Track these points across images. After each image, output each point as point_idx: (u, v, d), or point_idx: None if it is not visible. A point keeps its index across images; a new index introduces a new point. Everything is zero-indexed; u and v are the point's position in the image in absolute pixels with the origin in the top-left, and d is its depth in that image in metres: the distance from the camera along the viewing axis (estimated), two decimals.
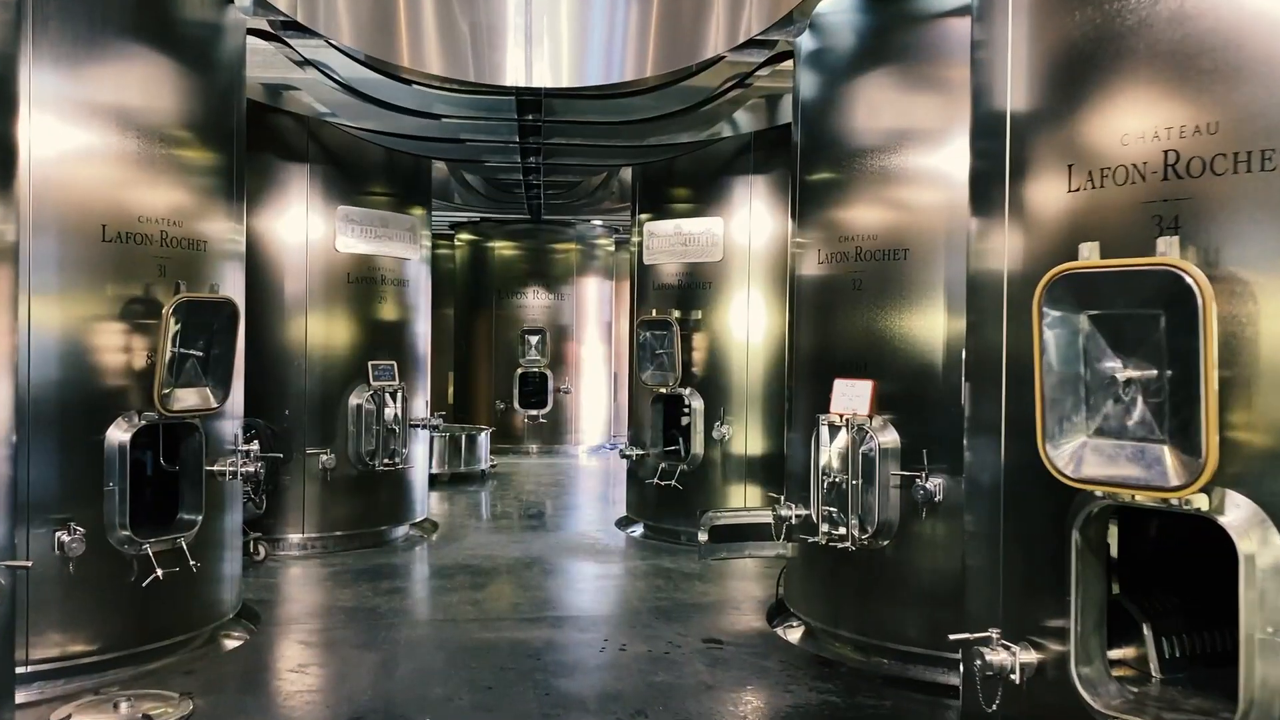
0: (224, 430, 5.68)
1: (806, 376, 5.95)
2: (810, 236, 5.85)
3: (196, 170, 5.46)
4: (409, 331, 8.73)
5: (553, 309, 15.47)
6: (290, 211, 7.99)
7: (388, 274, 8.46)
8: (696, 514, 8.51)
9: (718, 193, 8.45)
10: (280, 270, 7.97)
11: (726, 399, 8.37)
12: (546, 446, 15.35)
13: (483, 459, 12.36)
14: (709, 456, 8.41)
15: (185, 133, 5.37)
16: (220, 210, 5.64)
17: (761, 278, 8.32)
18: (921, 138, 5.26)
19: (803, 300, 5.98)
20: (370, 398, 8.21)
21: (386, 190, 8.52)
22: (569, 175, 9.39)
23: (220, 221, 5.63)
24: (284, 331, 7.97)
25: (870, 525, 5.27)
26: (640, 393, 8.98)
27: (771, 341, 8.31)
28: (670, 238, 8.62)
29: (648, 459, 8.79)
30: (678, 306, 8.54)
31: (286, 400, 7.96)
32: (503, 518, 9.96)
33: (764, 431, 8.32)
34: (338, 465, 8.07)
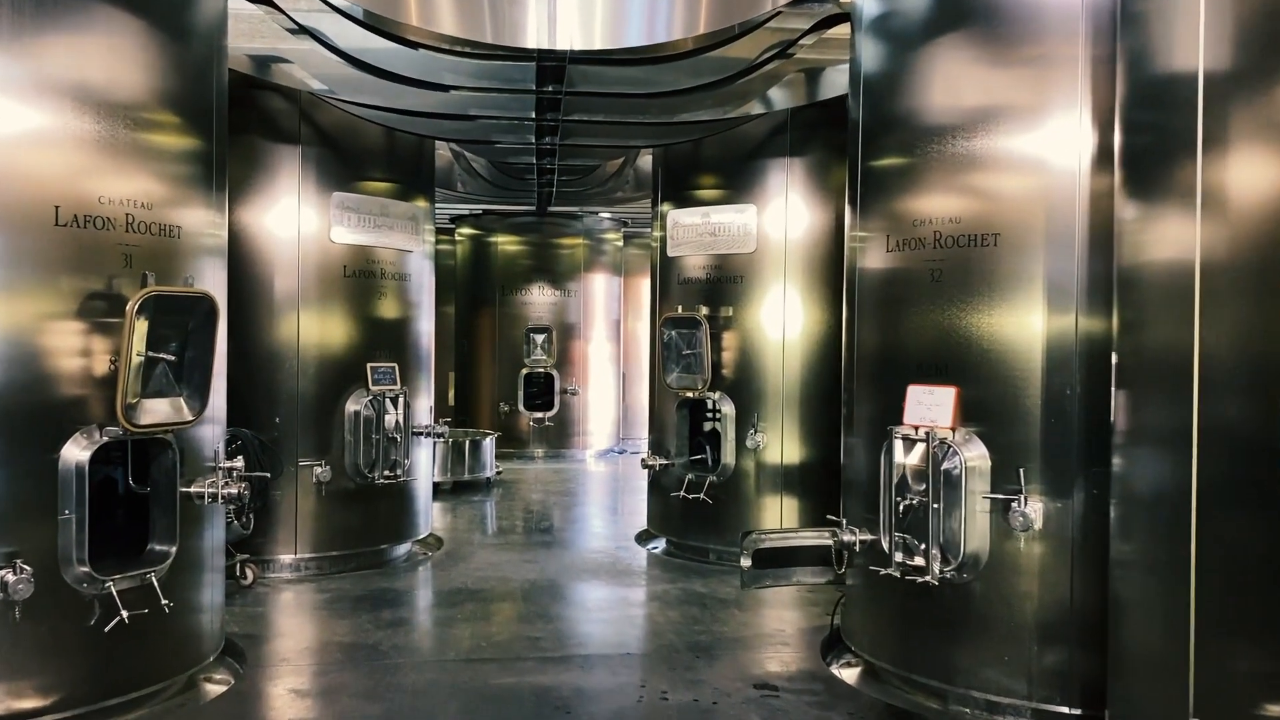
0: (203, 444, 4.93)
1: (870, 381, 5.22)
2: (875, 224, 5.12)
3: (168, 154, 4.70)
4: (411, 330, 7.98)
5: (559, 306, 14.74)
6: (280, 199, 7.24)
7: (388, 268, 7.70)
8: (729, 531, 7.83)
9: (750, 177, 7.70)
10: (269, 263, 7.22)
11: (760, 404, 7.63)
12: (553, 451, 14.63)
13: (488, 466, 11.61)
14: (741, 467, 7.68)
15: (154, 112, 4.60)
16: (197, 198, 4.89)
17: (799, 270, 7.58)
18: (1012, 116, 4.51)
19: (865, 295, 5.24)
20: (369, 404, 7.46)
21: (386, 176, 7.76)
22: (586, 158, 8.63)
23: (197, 210, 4.88)
24: (274, 331, 7.22)
25: (954, 555, 4.54)
26: (663, 396, 8.24)
27: (810, 341, 7.57)
28: (697, 227, 7.87)
29: (672, 469, 8.05)
30: (705, 303, 7.80)
31: (277, 407, 7.21)
32: (511, 531, 9.21)
33: (802, 439, 7.58)
34: (333, 478, 7.32)
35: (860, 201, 5.27)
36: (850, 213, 5.47)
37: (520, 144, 7.66)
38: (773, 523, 7.61)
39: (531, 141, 7.49)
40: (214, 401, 4.94)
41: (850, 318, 5.43)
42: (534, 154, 8.00)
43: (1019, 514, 4.35)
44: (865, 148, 5.26)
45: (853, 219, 5.42)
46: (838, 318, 7.53)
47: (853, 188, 5.40)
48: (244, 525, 6.56)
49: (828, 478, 7.56)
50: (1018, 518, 4.35)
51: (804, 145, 7.59)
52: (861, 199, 5.26)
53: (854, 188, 5.37)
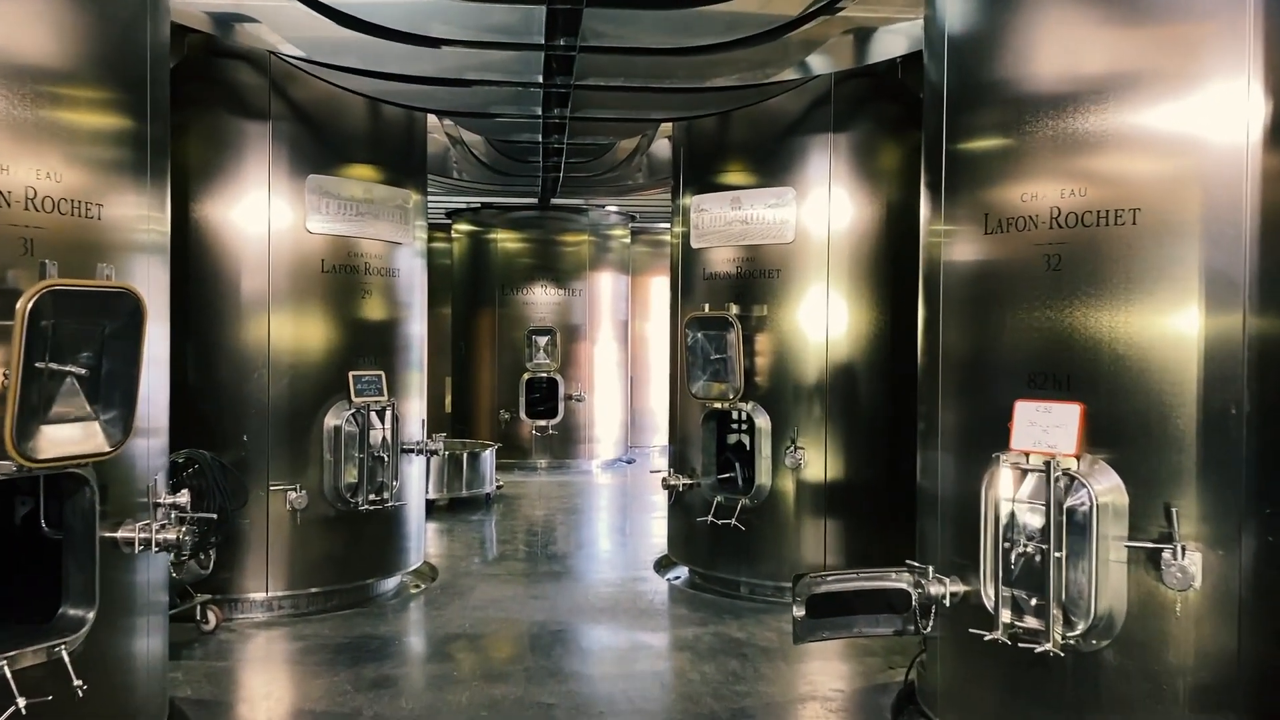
0: (136, 475, 3.96)
1: (958, 394, 4.26)
2: (964, 211, 4.17)
3: (84, 136, 3.74)
4: (400, 334, 7.01)
5: (563, 307, 13.77)
6: (247, 183, 6.26)
7: (373, 262, 6.73)
8: (763, 561, 6.87)
9: (787, 157, 6.73)
10: (235, 257, 6.25)
11: (799, 416, 6.66)
12: (557, 461, 13.66)
13: (487, 481, 10.64)
14: (777, 488, 6.71)
15: (60, 85, 3.64)
16: (126, 186, 3.94)
17: (845, 262, 6.61)
18: (1154, 83, 3.56)
19: (952, 291, 4.28)
20: (352, 418, 6.49)
21: (371, 158, 6.79)
22: (599, 136, 7.64)
23: (126, 199, 3.93)
24: (240, 336, 6.25)
25: (1080, 617, 3.58)
26: (687, 407, 7.28)
27: (858, 343, 6.60)
28: (726, 214, 6.91)
29: (698, 489, 7.08)
30: (735, 300, 6.82)
31: (244, 423, 6.24)
32: (514, 557, 8.24)
33: (848, 456, 6.62)
34: (311, 504, 6.35)
35: (944, 186, 4.31)
36: (928, 199, 4.52)
37: (525, 116, 6.69)
38: (814, 552, 6.65)
39: (538, 113, 6.51)
40: (151, 419, 4.00)
41: (930, 318, 4.47)
42: (540, 129, 7.02)
43: (1174, 568, 3.38)
44: (952, 122, 4.29)
45: (932, 206, 4.46)
46: (891, 317, 6.62)
47: (932, 170, 4.44)
48: (202, 564, 5.60)
49: (878, 500, 6.62)
50: (1173, 573, 3.38)
51: (849, 120, 6.63)
52: (947, 183, 4.30)
53: (934, 170, 4.41)
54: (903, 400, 6.62)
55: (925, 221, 4.57)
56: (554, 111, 6.41)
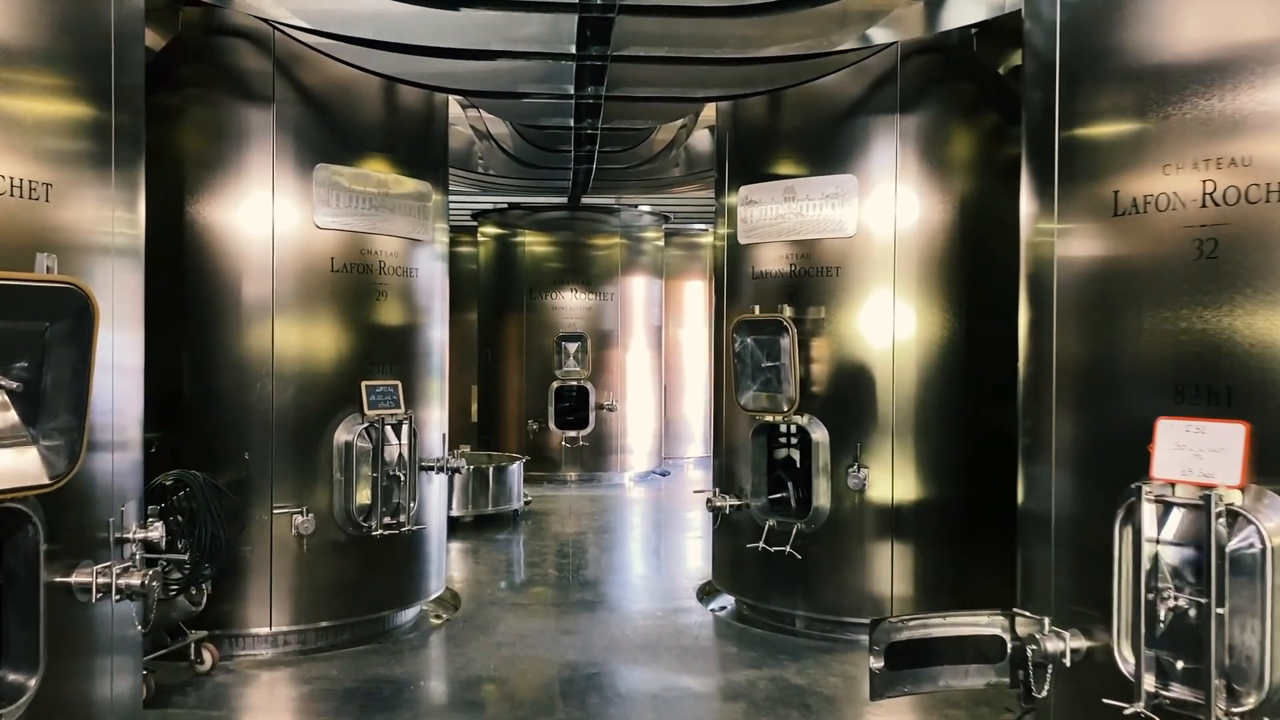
0: (95, 506, 3.34)
1: (1074, 406, 3.57)
2: (1083, 203, 3.48)
3: (26, 125, 3.13)
4: (419, 340, 6.38)
5: (593, 312, 13.14)
6: (248, 174, 5.66)
7: (388, 261, 6.11)
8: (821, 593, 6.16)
9: (848, 141, 6.04)
10: (234, 256, 5.64)
11: (862, 430, 5.96)
12: (588, 474, 13.02)
13: (514, 497, 9.99)
14: (838, 511, 6.00)
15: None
16: (83, 182, 3.33)
17: (914, 258, 5.90)
18: None
19: (1068, 289, 3.59)
20: (364, 432, 5.87)
21: (386, 146, 6.17)
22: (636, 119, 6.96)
23: (85, 196, 3.32)
24: (241, 343, 5.64)
25: (1252, 688, 2.86)
26: (733, 420, 6.59)
27: (928, 349, 5.90)
28: (777, 207, 6.22)
29: (746, 511, 6.39)
30: (788, 302, 6.14)
31: (245, 438, 5.63)
32: (544, 582, 7.58)
33: (919, 475, 5.91)
34: (319, 528, 5.73)
35: (1058, 173, 3.62)
36: (1033, 189, 3.85)
37: (555, 96, 6.03)
38: (879, 582, 5.94)
39: (570, 92, 5.86)
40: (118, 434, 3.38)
41: (1037, 321, 3.78)
42: (572, 112, 6.36)
43: None
44: (1068, 98, 3.59)
45: (1038, 197, 3.79)
46: (965, 320, 5.88)
47: (1038, 155, 3.77)
48: (193, 600, 4.98)
49: (952, 523, 5.91)
50: None
51: (917, 100, 5.92)
52: (1061, 170, 3.61)
53: (1041, 155, 3.74)
54: (980, 413, 5.94)
55: (1029, 215, 3.90)
56: (587, 90, 5.75)
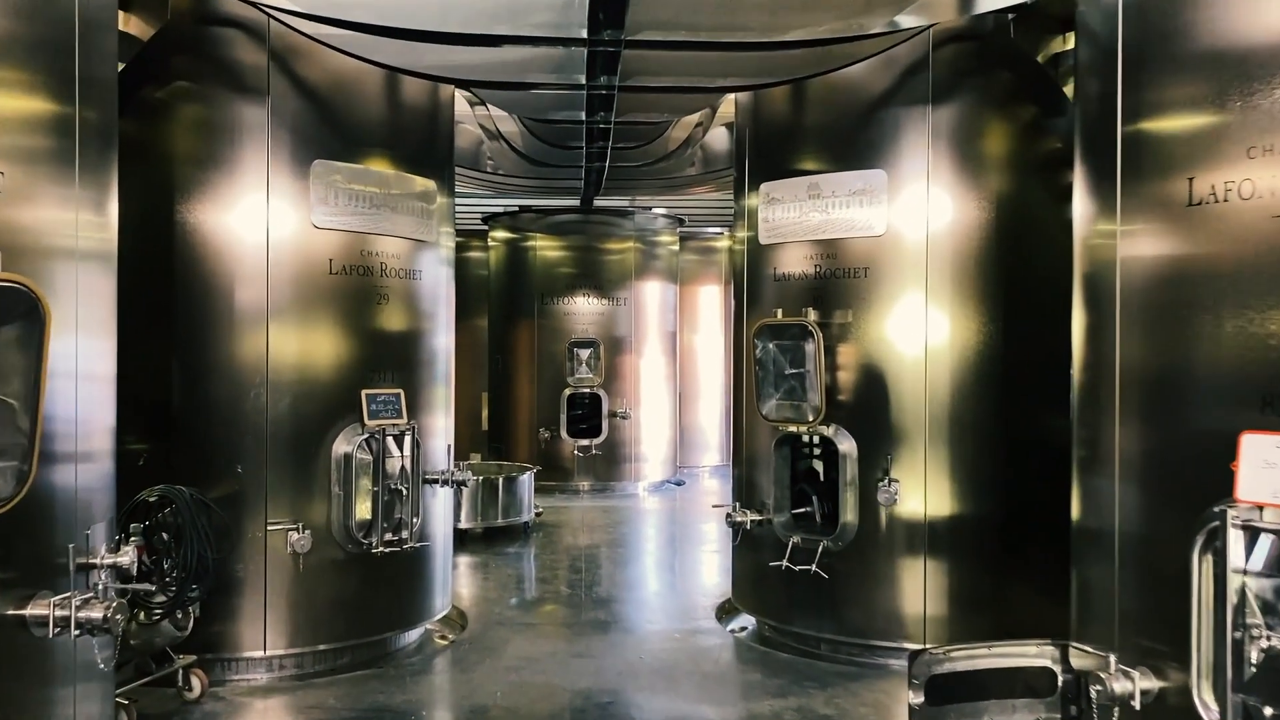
0: (56, 528, 3.02)
1: (1141, 417, 3.21)
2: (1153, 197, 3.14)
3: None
4: (423, 346, 6.06)
5: (607, 317, 12.81)
6: (241, 171, 5.35)
7: (390, 263, 5.79)
8: (849, 614, 5.81)
9: (876, 133, 5.70)
10: (226, 258, 5.33)
11: (892, 441, 5.60)
12: (601, 484, 12.69)
13: (525, 508, 9.66)
14: (866, 527, 5.65)
15: None
16: (40, 181, 3.01)
17: (948, 259, 5.55)
18: None
19: (1133, 291, 3.23)
20: (365, 444, 5.55)
21: (389, 141, 5.86)
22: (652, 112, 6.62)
23: (43, 197, 3.00)
24: (234, 349, 5.32)
25: None
26: (754, 430, 6.24)
27: (963, 355, 5.54)
28: (801, 204, 5.88)
29: (769, 526, 6.03)
30: (813, 305, 5.79)
31: (238, 450, 5.31)
32: (555, 599, 7.24)
33: (954, 488, 5.55)
34: (316, 545, 5.41)
35: (1120, 171, 3.28)
36: (1089, 187, 3.53)
37: (566, 86, 5.70)
38: (911, 602, 5.58)
39: (581, 82, 5.53)
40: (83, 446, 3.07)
41: (1096, 326, 3.47)
42: (584, 105, 6.03)
43: None
44: (1132, 89, 3.25)
45: (1096, 195, 3.48)
46: (1003, 325, 5.50)
47: (1096, 151, 3.47)
48: (178, 624, 4.66)
49: (990, 538, 5.55)
50: None
51: (951, 90, 5.57)
52: (1125, 166, 3.27)
53: (1099, 151, 3.43)
54: (1019, 423, 5.58)
55: (1085, 215, 3.58)
56: (600, 80, 5.42)
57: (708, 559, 8.89)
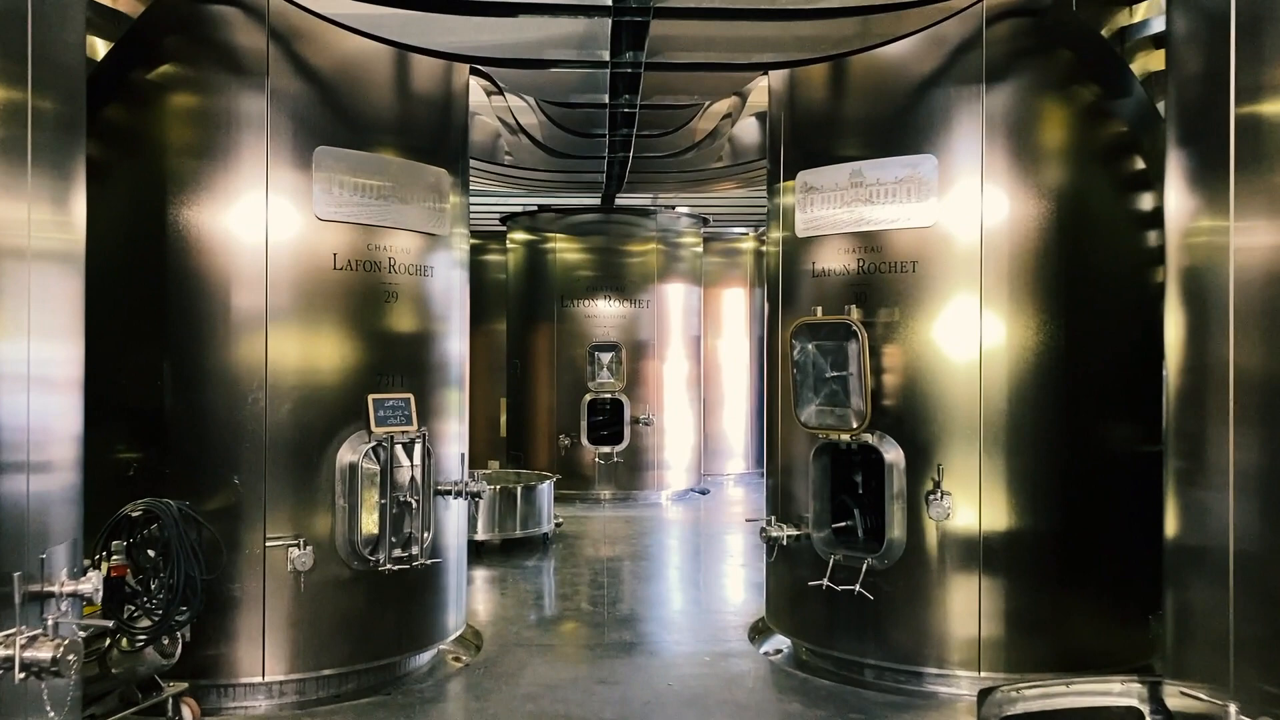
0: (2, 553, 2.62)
1: (1263, 424, 2.75)
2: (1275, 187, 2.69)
3: None
4: (435, 349, 5.65)
5: (628, 320, 12.39)
6: (239, 160, 4.96)
7: (400, 258, 5.39)
8: (896, 637, 5.37)
9: (925, 115, 5.25)
10: (222, 253, 4.94)
11: (943, 450, 5.15)
12: (623, 492, 12.26)
13: (544, 519, 9.25)
14: (916, 543, 5.19)
15: None
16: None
17: (1004, 252, 5.10)
18: None
19: (1249, 288, 2.83)
20: (371, 452, 5.15)
21: (398, 127, 5.47)
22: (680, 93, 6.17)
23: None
24: (229, 354, 4.93)
25: None
26: (790, 437, 5.80)
27: (1023, 357, 5.08)
28: (843, 194, 5.44)
29: (807, 541, 5.59)
30: (856, 303, 5.35)
31: (235, 460, 4.92)
32: (576, 617, 6.82)
33: (1012, 500, 5.09)
34: (319, 563, 5.01)
35: (1234, 158, 2.84)
36: (1185, 178, 3.14)
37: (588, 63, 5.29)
38: (964, 623, 5.12)
39: (605, 59, 5.11)
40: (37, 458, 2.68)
41: (1195, 325, 3.04)
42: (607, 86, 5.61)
43: None
44: (1250, 67, 2.81)
45: (1196, 186, 3.06)
46: (1065, 326, 5.05)
47: (1197, 137, 3.01)
48: (165, 652, 4.26)
49: (1051, 554, 5.10)
50: None
51: (1006, 70, 5.13)
52: (1239, 154, 2.83)
53: (1202, 136, 2.98)
54: (1082, 431, 5.13)
55: (1184, 209, 3.18)
56: (625, 55, 4.99)
57: (736, 573, 8.45)
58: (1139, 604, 5.33)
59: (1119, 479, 5.22)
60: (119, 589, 4.11)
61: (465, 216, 6.05)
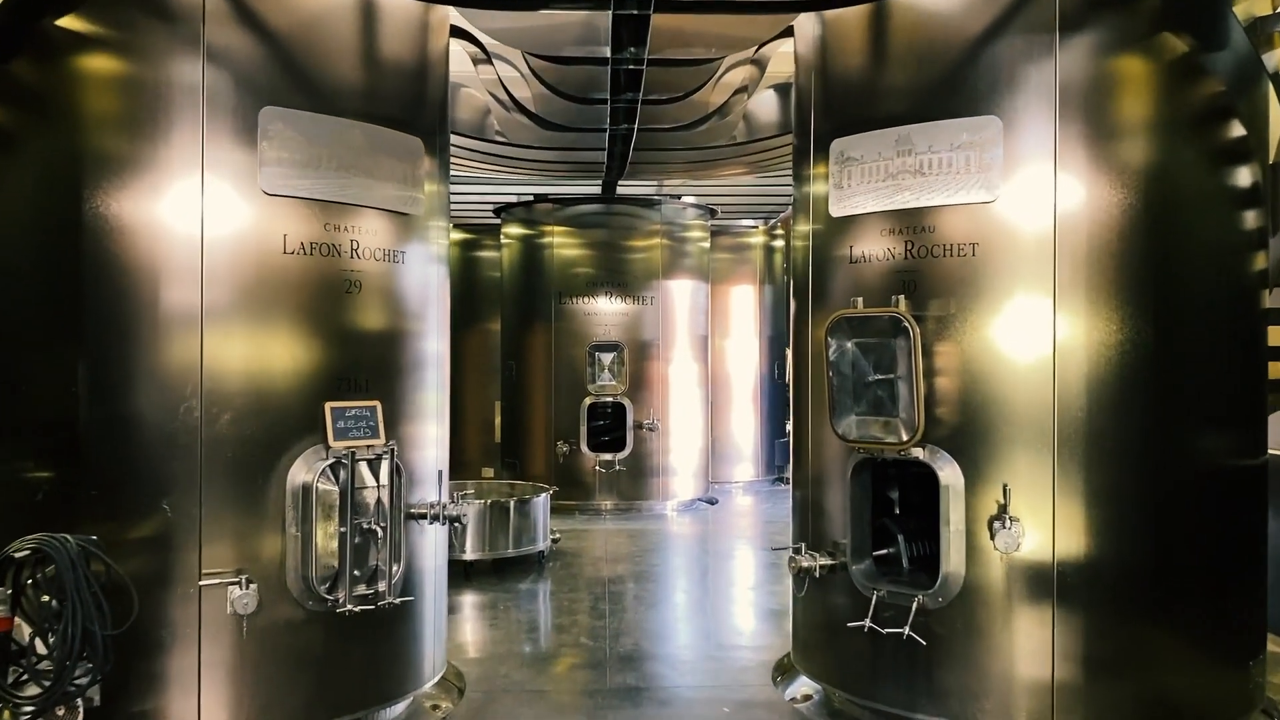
0: None
1: None
2: None
3: None
4: (407, 349, 4.84)
5: (631, 319, 11.60)
6: (167, 125, 4.14)
7: (365, 240, 4.58)
8: (955, 690, 4.55)
9: (986, 70, 4.43)
10: (147, 235, 4.12)
11: (1008, 466, 4.33)
12: (625, 502, 11.46)
13: (540, 535, 8.43)
14: (978, 577, 4.37)
15: None
16: None
17: (1083, 232, 4.28)
18: None
19: None
20: (329, 471, 4.34)
21: (363, 87, 4.66)
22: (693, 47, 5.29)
23: None
24: (157, 356, 4.12)
25: None
26: (822, 449, 4.99)
27: (1106, 358, 4.26)
28: (887, 165, 4.62)
29: (843, 572, 4.78)
30: (903, 293, 4.54)
31: (163, 481, 4.10)
32: (574, 653, 6.00)
33: (1092, 526, 4.27)
34: (267, 603, 4.20)
35: None
36: None
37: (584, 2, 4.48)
38: (1035, 665, 4.30)
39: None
40: None
41: None
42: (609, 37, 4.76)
43: None
44: None
45: None
46: (1156, 324, 4.23)
47: None
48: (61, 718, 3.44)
49: (1137, 590, 4.29)
50: None
51: (1083, 17, 4.30)
52: None
53: None
54: (1176, 444, 4.32)
55: None
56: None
57: (750, 598, 7.64)
58: (1238, 647, 4.55)
59: (1216, 499, 4.43)
60: (2, 646, 3.31)
61: (445, 196, 5.24)
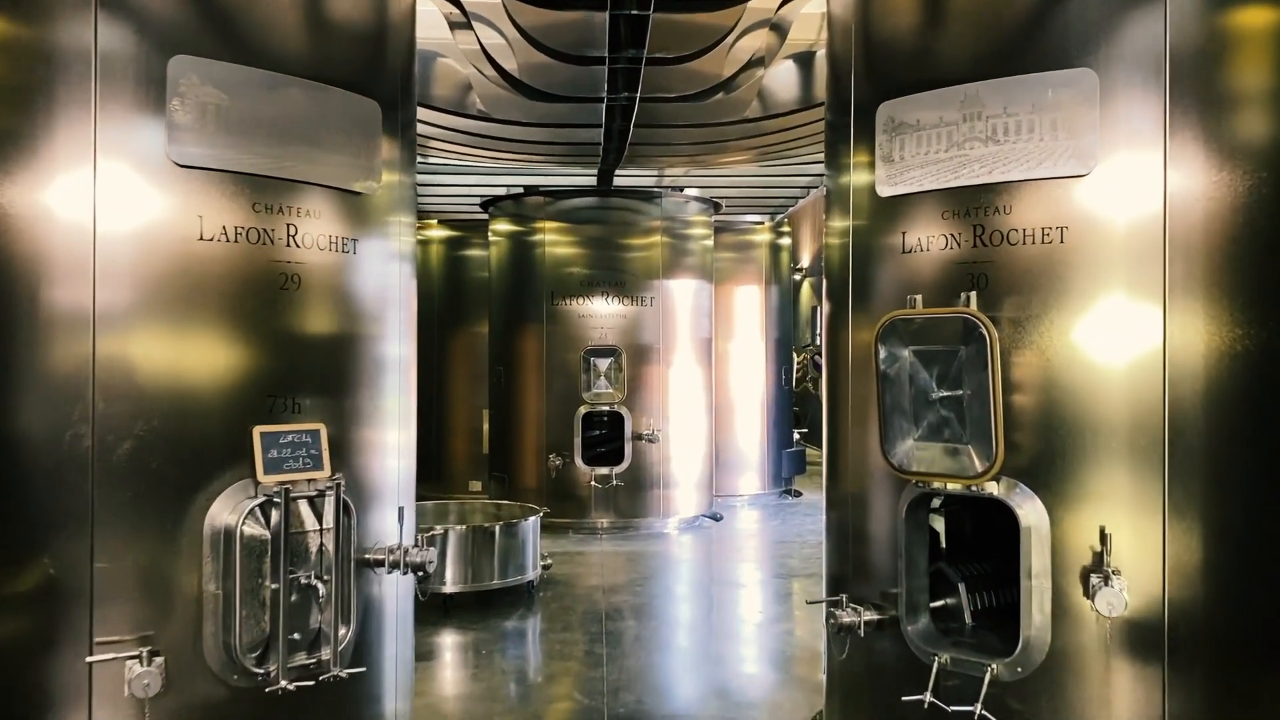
0: None
1: None
2: None
3: None
4: (361, 358, 3.97)
5: (630, 321, 10.78)
6: (47, 84, 3.27)
7: (306, 228, 3.71)
8: None
9: (1076, 18, 3.57)
10: (22, 217, 3.25)
11: (1106, 503, 3.47)
12: (623, 521, 10.63)
13: (529, 563, 7.57)
14: (1066, 643, 3.51)
15: None
16: None
17: (1199, 213, 3.41)
18: None
19: None
20: (258, 512, 3.47)
21: (306, 35, 3.79)
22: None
23: None
24: (36, 371, 3.24)
25: None
26: (865, 478, 4.12)
27: (1229, 372, 3.39)
28: (950, 132, 3.76)
29: (892, 626, 3.91)
30: (970, 288, 3.68)
31: (46, 525, 3.23)
32: (568, 714, 5.13)
33: (1213, 574, 3.39)
34: (175, 681, 3.33)
35: None
36: None
37: None
38: None
39: None
40: None
41: None
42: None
43: None
44: None
45: None
46: None
47: None
48: None
49: (1268, 646, 3.41)
50: None
51: None
52: None
53: None
54: None
55: None
56: None
57: (762, 640, 6.79)
58: None
59: None
60: None
61: (410, 179, 4.37)
